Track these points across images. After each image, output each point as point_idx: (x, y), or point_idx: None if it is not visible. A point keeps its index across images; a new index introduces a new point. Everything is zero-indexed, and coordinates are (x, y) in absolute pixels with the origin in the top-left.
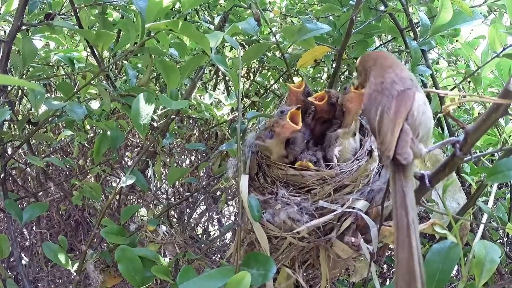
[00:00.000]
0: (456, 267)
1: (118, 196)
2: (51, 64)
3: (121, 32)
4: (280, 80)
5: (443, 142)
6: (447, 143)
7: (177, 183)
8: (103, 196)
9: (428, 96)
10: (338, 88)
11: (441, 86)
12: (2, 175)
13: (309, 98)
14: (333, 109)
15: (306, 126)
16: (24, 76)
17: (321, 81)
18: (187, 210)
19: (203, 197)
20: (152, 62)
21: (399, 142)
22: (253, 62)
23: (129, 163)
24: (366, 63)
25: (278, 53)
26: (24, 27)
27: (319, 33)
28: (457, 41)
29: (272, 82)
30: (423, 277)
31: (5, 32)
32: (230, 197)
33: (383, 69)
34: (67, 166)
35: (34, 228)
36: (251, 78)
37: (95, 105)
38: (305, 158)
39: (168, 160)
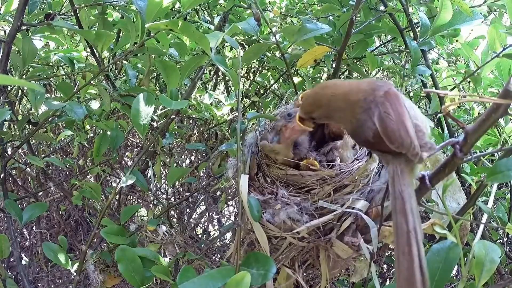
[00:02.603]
0: (456, 267)
1: (118, 196)
2: (51, 64)
3: (121, 32)
4: (280, 80)
5: (445, 144)
6: (448, 144)
7: (177, 183)
8: (103, 196)
9: (428, 96)
10: None
11: (441, 86)
12: (2, 175)
13: None
14: None
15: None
16: (24, 76)
17: (321, 81)
18: (187, 210)
19: (203, 197)
20: (151, 62)
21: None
22: (253, 62)
23: (129, 163)
24: (320, 102)
25: (278, 53)
26: (24, 27)
27: (319, 33)
28: (457, 41)
29: (272, 82)
30: (425, 284)
31: (5, 32)
32: (230, 197)
33: (349, 94)
34: (67, 166)
35: (34, 228)
36: (251, 78)
37: (95, 105)
38: (311, 157)
39: (168, 160)
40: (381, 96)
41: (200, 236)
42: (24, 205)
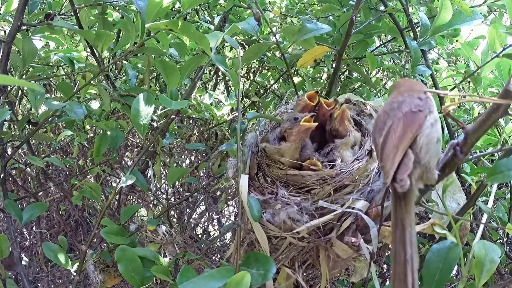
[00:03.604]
0: (456, 267)
1: (118, 196)
2: (51, 64)
3: (121, 32)
4: (280, 80)
5: (446, 153)
6: (449, 150)
7: (177, 183)
8: (103, 196)
9: None
10: (339, 87)
11: (441, 86)
12: (2, 175)
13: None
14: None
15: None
16: (24, 76)
17: (321, 81)
18: (187, 210)
19: (203, 197)
20: (150, 63)
21: (400, 168)
22: (253, 62)
23: (129, 163)
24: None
25: (278, 53)
26: (24, 27)
27: (319, 33)
28: (457, 41)
29: (272, 82)
30: None
31: (5, 32)
32: (230, 197)
33: (399, 92)
34: (67, 166)
35: (34, 228)
36: (251, 78)
37: (95, 105)
38: (314, 157)
39: (168, 160)
40: (403, 112)
41: (200, 236)
42: (24, 205)
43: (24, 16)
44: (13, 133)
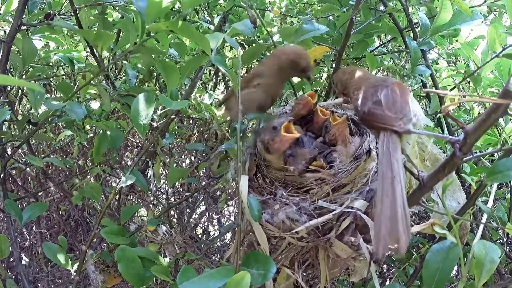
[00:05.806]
0: (456, 267)
1: (118, 196)
2: (51, 64)
3: (121, 32)
4: None
5: (438, 135)
6: (445, 138)
7: (177, 183)
8: (103, 196)
9: (428, 96)
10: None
11: (441, 86)
12: (2, 175)
13: (318, 110)
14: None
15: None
16: (24, 76)
17: (321, 81)
18: (187, 210)
19: (203, 197)
20: (152, 64)
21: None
22: (253, 62)
23: (129, 163)
24: (344, 75)
25: None
26: (24, 27)
27: (317, 33)
28: (457, 41)
29: None
30: (407, 222)
31: (5, 32)
32: (229, 197)
33: (367, 75)
34: (67, 166)
35: (34, 228)
36: None
37: (95, 105)
38: (321, 159)
39: (168, 160)
40: (392, 82)
41: (200, 236)
42: (24, 205)
43: (24, 16)
44: (13, 133)
